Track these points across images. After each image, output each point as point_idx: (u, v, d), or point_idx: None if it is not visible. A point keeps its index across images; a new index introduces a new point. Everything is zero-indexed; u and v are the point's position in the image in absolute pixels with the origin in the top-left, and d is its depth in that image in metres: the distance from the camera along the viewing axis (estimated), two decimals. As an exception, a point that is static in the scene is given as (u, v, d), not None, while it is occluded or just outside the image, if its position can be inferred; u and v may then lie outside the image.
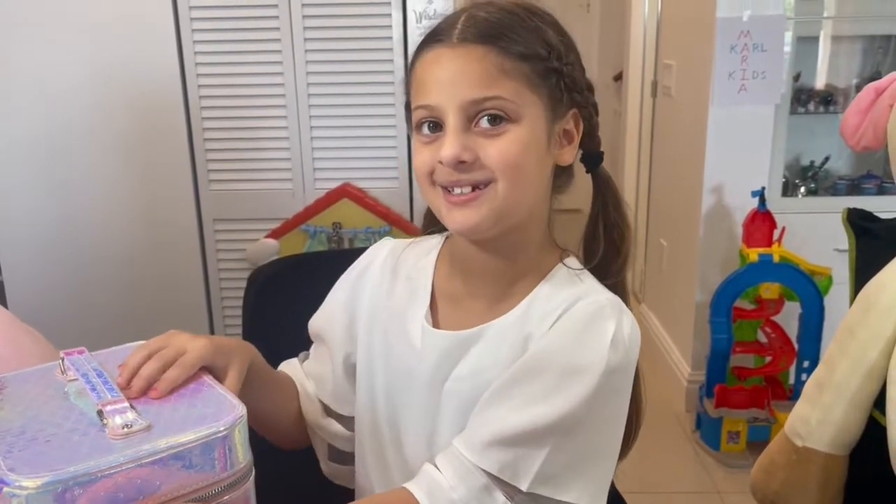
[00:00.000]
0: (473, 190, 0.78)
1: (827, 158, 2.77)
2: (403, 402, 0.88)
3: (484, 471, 0.76)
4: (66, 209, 2.37)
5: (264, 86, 2.28)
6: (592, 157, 0.86)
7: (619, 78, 3.96)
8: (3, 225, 2.38)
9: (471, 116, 0.76)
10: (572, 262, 0.86)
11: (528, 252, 0.85)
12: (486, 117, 0.76)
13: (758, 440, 2.41)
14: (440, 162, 0.77)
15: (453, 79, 0.76)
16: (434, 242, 0.93)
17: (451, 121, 0.76)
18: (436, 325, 0.87)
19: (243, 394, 0.77)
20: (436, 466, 0.79)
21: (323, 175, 2.35)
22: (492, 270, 0.85)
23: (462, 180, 0.77)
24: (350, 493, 0.99)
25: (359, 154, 2.33)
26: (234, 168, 2.36)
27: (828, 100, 2.72)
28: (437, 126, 0.78)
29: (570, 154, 0.83)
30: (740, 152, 2.49)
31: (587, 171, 0.86)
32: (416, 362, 0.86)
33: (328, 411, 0.95)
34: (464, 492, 0.76)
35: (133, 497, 0.62)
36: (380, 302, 0.91)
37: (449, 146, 0.76)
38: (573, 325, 0.79)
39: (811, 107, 2.71)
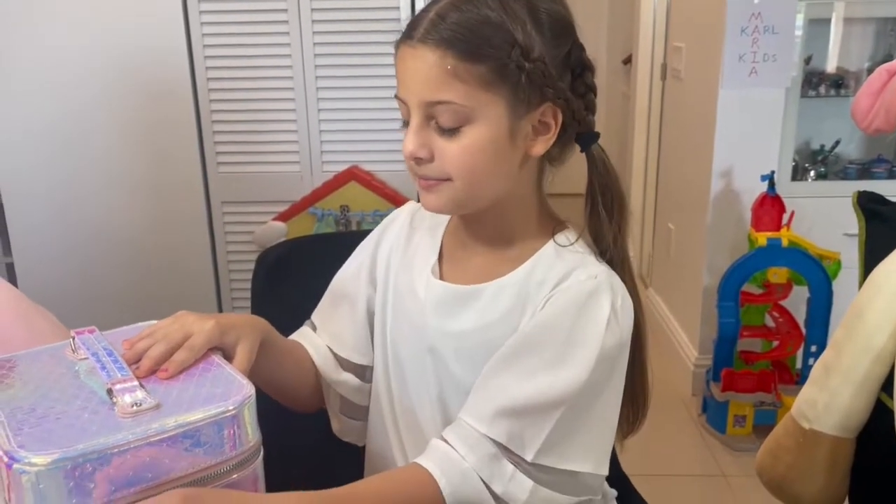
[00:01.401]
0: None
1: (837, 142, 2.75)
2: (408, 352, 0.92)
3: (492, 440, 0.79)
4: (76, 192, 2.38)
5: (272, 68, 2.28)
6: (585, 138, 0.86)
7: (628, 61, 3.93)
8: (13, 208, 2.39)
9: (429, 115, 0.80)
10: (566, 235, 0.88)
11: (517, 225, 0.88)
12: (440, 117, 0.79)
13: (764, 424, 2.41)
14: None
15: (412, 79, 0.80)
16: None
17: (413, 117, 0.81)
18: (441, 278, 0.91)
19: (258, 366, 0.80)
20: (444, 440, 0.81)
21: (331, 158, 2.35)
22: (483, 238, 0.89)
23: (422, 174, 0.82)
24: (356, 467, 1.00)
25: (366, 137, 2.32)
26: (242, 151, 2.36)
27: (839, 83, 2.69)
28: (407, 117, 0.82)
29: (543, 145, 0.83)
30: (750, 136, 2.48)
31: (581, 151, 0.86)
32: (418, 312, 0.90)
33: (344, 366, 0.98)
34: (474, 460, 0.78)
35: (142, 475, 0.63)
36: (395, 256, 0.96)
37: (407, 142, 0.81)
38: (572, 301, 0.82)
39: (822, 90, 2.68)
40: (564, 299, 0.82)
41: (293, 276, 1.24)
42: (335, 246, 1.05)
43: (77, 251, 2.42)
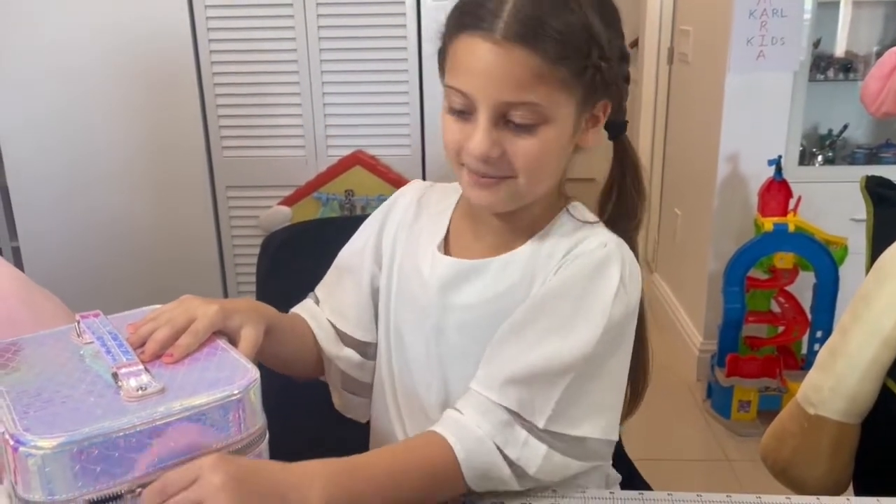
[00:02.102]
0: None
1: (845, 127, 2.73)
2: (412, 333, 0.92)
3: (504, 407, 0.79)
4: (81, 177, 2.38)
5: (277, 51, 2.27)
6: (616, 126, 0.86)
7: (634, 44, 3.90)
8: (18, 193, 2.40)
9: (503, 113, 0.78)
10: (577, 209, 0.89)
11: (536, 205, 0.87)
12: (517, 117, 0.77)
13: (768, 409, 2.41)
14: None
15: (490, 76, 0.76)
16: (457, 185, 0.95)
17: (483, 116, 0.78)
18: (447, 254, 0.91)
19: (263, 346, 0.80)
20: (457, 410, 0.82)
21: (335, 142, 2.34)
22: (498, 221, 0.89)
23: (487, 173, 0.81)
24: (364, 447, 1.00)
25: (371, 121, 2.32)
26: (247, 135, 2.36)
27: (848, 67, 2.67)
28: (468, 109, 0.79)
29: (594, 137, 0.84)
30: (757, 120, 2.46)
31: (610, 139, 0.86)
32: (423, 292, 0.90)
33: (346, 341, 0.98)
34: (488, 427, 0.79)
35: (152, 459, 0.63)
36: (402, 233, 0.96)
37: (478, 143, 0.78)
38: (582, 269, 0.83)
39: (830, 74, 2.66)
40: (574, 267, 0.83)
41: (298, 261, 1.24)
42: (340, 230, 1.05)
43: (82, 235, 2.42)
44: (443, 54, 0.83)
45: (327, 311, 0.99)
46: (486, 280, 0.87)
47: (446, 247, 0.92)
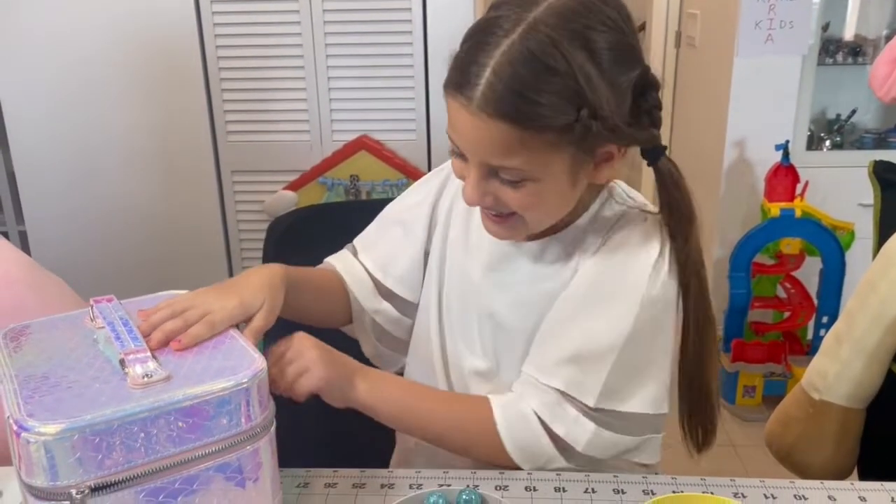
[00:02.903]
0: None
1: (854, 111, 2.71)
2: (461, 312, 0.94)
3: (553, 388, 0.83)
4: (86, 162, 2.38)
5: (281, 35, 2.26)
6: (650, 153, 0.83)
7: (641, 28, 3.87)
8: (24, 177, 2.40)
9: (491, 169, 0.78)
10: (617, 192, 0.89)
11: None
12: (503, 173, 0.78)
13: (773, 395, 2.41)
14: None
15: (472, 141, 0.77)
16: None
17: (472, 170, 0.79)
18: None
19: (284, 305, 0.83)
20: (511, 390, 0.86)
21: (341, 127, 2.33)
22: None
23: (488, 211, 0.84)
24: (360, 447, 1.01)
25: (376, 106, 2.31)
26: (252, 119, 2.35)
27: (856, 51, 2.65)
28: (464, 156, 0.80)
29: (609, 172, 0.82)
30: (765, 104, 2.44)
31: (647, 165, 0.83)
32: (471, 264, 0.93)
33: (384, 294, 0.99)
34: (535, 403, 0.83)
35: (151, 446, 0.63)
36: (457, 205, 0.96)
37: (468, 195, 0.81)
38: (618, 248, 0.85)
39: (839, 58, 2.64)
40: (611, 247, 0.85)
41: (304, 246, 1.24)
42: (345, 215, 1.05)
43: (88, 220, 2.43)
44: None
45: (369, 263, 0.99)
46: (531, 260, 0.89)
47: None
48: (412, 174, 2.27)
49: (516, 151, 0.75)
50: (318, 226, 1.29)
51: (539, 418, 0.82)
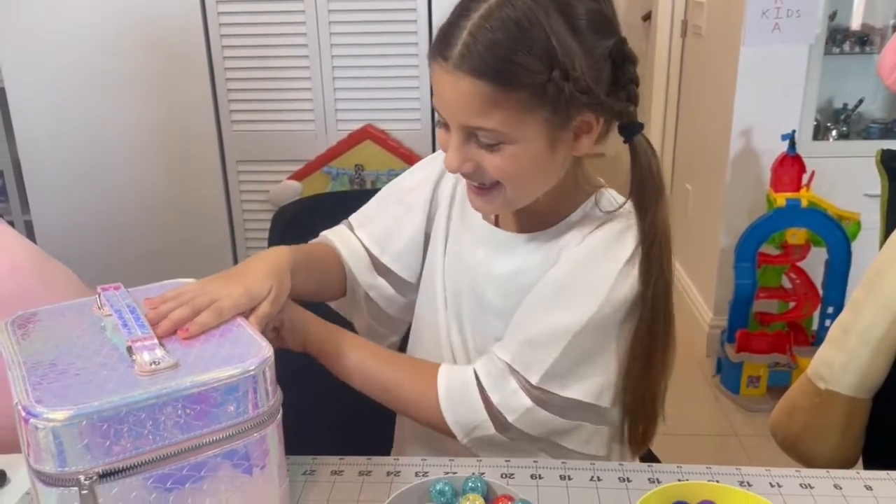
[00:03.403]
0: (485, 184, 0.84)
1: (861, 101, 2.69)
2: (461, 290, 0.96)
3: (501, 359, 0.86)
4: (92, 152, 2.38)
5: (286, 24, 2.26)
6: (627, 129, 0.83)
7: (647, 17, 3.86)
8: (30, 167, 2.41)
9: (470, 132, 0.80)
10: (604, 198, 0.91)
11: (548, 197, 0.88)
12: (481, 136, 0.80)
13: (778, 385, 2.41)
14: None
15: (449, 103, 0.80)
16: None
17: (453, 135, 0.81)
18: (497, 224, 0.95)
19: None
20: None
21: (345, 116, 2.33)
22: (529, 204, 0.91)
23: (471, 180, 0.85)
24: (367, 436, 1.01)
25: (381, 95, 2.30)
26: (257, 109, 2.35)
27: (864, 40, 2.63)
28: (448, 124, 0.82)
29: (588, 144, 0.83)
30: (771, 94, 2.43)
31: (624, 142, 0.84)
32: (469, 251, 0.95)
33: (380, 270, 1.00)
34: (482, 371, 0.87)
35: (160, 433, 0.63)
36: (459, 191, 0.98)
37: (449, 160, 0.82)
38: (593, 248, 0.87)
39: (846, 47, 2.62)
40: (587, 246, 0.87)
41: (309, 235, 1.23)
42: (350, 205, 1.05)
43: (94, 210, 2.43)
44: None
45: (366, 238, 1.00)
46: (520, 251, 0.91)
47: (496, 217, 0.95)
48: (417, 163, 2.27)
49: (491, 111, 0.77)
50: (323, 215, 1.29)
51: (479, 383, 0.86)
